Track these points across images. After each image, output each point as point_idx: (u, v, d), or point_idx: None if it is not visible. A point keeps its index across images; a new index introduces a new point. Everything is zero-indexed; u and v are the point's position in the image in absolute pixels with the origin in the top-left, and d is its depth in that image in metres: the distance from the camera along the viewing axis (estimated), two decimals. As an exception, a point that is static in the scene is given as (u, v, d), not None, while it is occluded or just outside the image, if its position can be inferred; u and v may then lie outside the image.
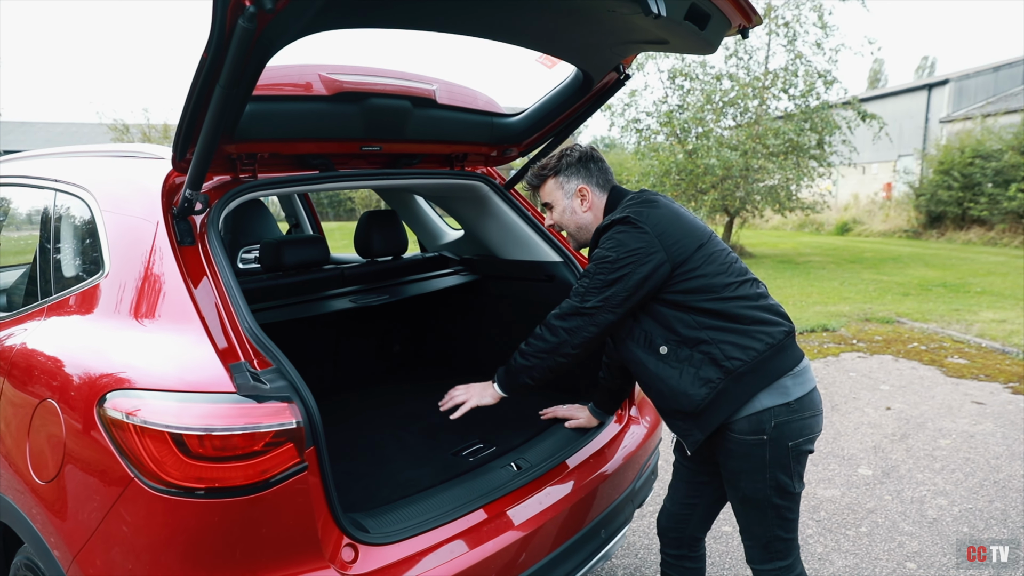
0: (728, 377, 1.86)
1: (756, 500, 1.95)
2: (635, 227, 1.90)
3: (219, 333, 1.65)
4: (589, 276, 1.93)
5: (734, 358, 1.86)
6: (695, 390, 1.87)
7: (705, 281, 1.90)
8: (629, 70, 2.46)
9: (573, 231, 2.18)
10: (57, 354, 1.81)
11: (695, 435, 1.93)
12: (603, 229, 1.98)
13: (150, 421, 1.47)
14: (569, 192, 2.13)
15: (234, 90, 1.48)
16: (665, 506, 2.31)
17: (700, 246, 1.93)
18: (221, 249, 1.79)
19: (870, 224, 20.39)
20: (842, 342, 6.92)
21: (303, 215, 4.35)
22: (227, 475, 1.47)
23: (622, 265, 1.87)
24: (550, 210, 2.19)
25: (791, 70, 13.44)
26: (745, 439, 1.89)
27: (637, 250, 1.88)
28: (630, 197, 2.05)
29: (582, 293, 1.93)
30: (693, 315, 1.90)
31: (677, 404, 1.91)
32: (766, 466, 1.90)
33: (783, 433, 1.88)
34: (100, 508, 1.55)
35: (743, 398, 1.86)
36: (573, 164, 2.14)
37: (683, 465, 2.26)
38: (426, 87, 2.31)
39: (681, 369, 1.90)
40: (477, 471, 2.13)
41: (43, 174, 2.34)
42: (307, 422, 1.55)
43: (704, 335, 1.89)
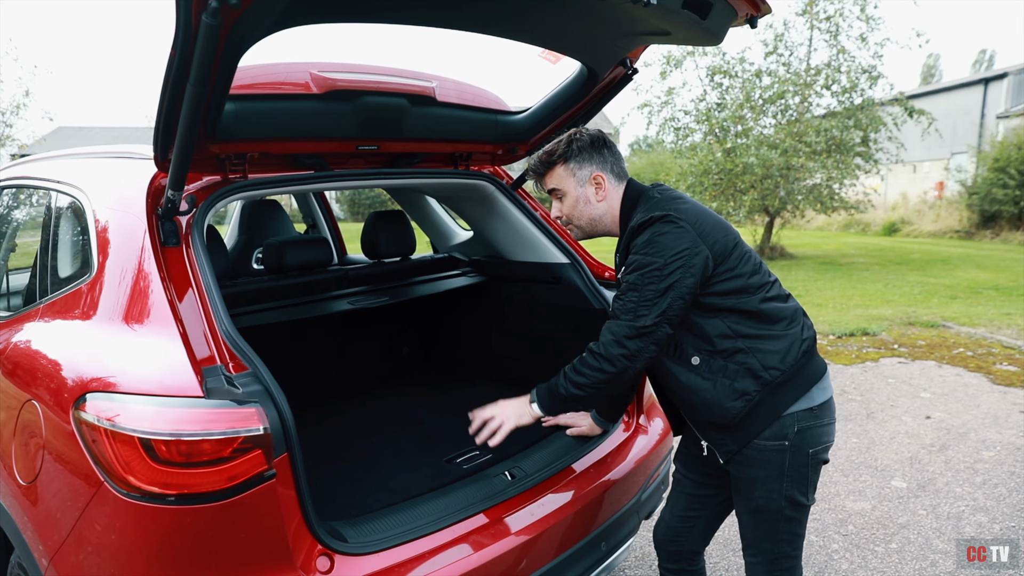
0: (765, 389, 1.76)
1: (769, 511, 1.84)
2: (676, 225, 1.72)
3: (197, 336, 1.62)
4: (637, 289, 1.71)
5: (772, 368, 1.76)
6: (730, 403, 1.76)
7: (742, 282, 1.78)
8: (637, 64, 2.38)
9: (585, 223, 1.96)
10: (41, 355, 1.81)
11: (729, 446, 1.83)
12: (637, 229, 1.77)
13: (120, 425, 1.44)
14: (582, 179, 1.92)
15: (204, 88, 1.44)
16: (663, 518, 2.21)
17: (736, 243, 1.82)
18: (204, 251, 1.77)
19: (919, 224, 19.71)
20: (882, 347, 6.66)
21: (319, 215, 4.35)
22: (195, 481, 1.43)
23: (672, 271, 1.69)
24: (559, 200, 1.97)
25: (834, 66, 13.05)
26: (765, 444, 1.79)
27: (683, 252, 1.70)
28: (653, 191, 1.90)
29: (633, 310, 1.72)
30: (728, 320, 1.77)
31: (710, 416, 1.81)
32: (783, 474, 1.80)
33: (804, 440, 1.79)
34: (74, 511, 1.54)
35: (780, 409, 1.77)
36: (586, 148, 1.92)
37: (685, 476, 2.15)
38: (424, 84, 2.26)
39: (715, 380, 1.78)
40: (469, 479, 2.06)
41: (46, 175, 2.36)
42: (279, 428, 1.50)
43: (740, 344, 1.77)
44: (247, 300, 2.47)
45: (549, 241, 2.76)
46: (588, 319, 2.61)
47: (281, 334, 2.84)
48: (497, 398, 2.95)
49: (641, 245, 1.74)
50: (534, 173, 2.01)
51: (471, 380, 3.19)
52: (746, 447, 1.81)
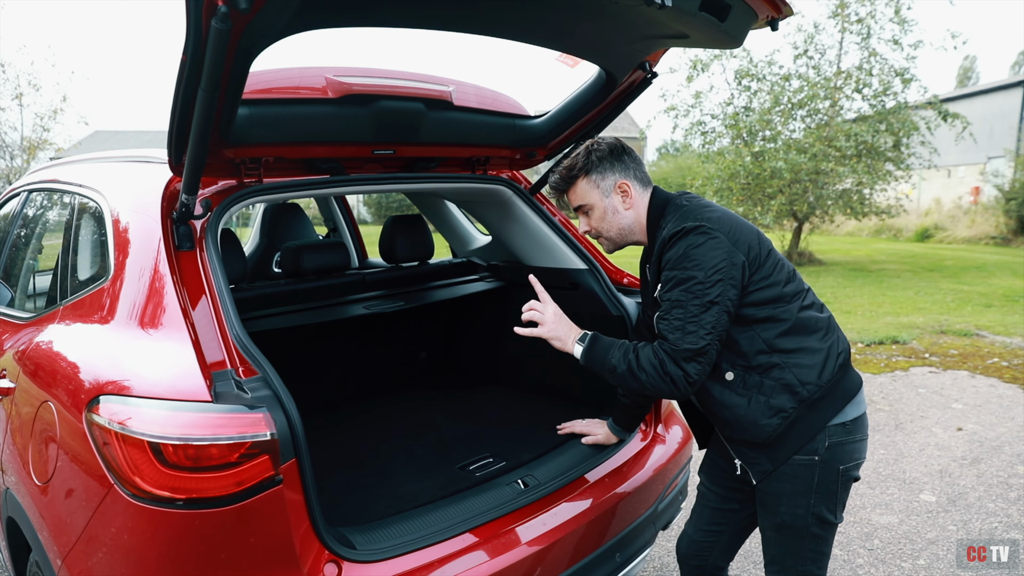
0: (802, 405, 1.71)
1: (794, 528, 1.79)
2: (710, 236, 1.66)
3: (208, 340, 1.63)
4: (681, 305, 1.64)
5: (809, 383, 1.71)
6: (766, 420, 1.71)
7: (778, 291, 1.73)
8: (658, 67, 2.34)
9: (615, 235, 1.91)
10: (58, 357, 1.83)
11: (763, 465, 1.78)
12: (669, 241, 1.71)
13: (129, 428, 1.45)
14: (607, 190, 1.87)
15: (215, 93, 1.45)
16: (686, 532, 2.16)
17: (770, 250, 1.77)
18: (217, 255, 1.78)
19: (953, 230, 19.26)
20: (913, 355, 6.51)
21: (340, 219, 4.37)
22: (202, 486, 1.43)
23: (713, 283, 1.63)
24: (586, 215, 1.92)
25: (865, 68, 12.81)
26: (795, 459, 1.74)
27: (721, 262, 1.64)
28: (680, 198, 1.85)
29: (680, 327, 1.64)
30: (764, 332, 1.72)
31: (745, 434, 1.76)
32: (812, 490, 1.75)
33: (835, 455, 1.74)
34: (85, 513, 1.55)
35: (818, 425, 1.72)
36: (605, 158, 1.88)
37: (709, 490, 2.10)
38: (441, 88, 2.25)
39: (750, 397, 1.73)
40: (481, 487, 2.04)
41: (70, 179, 2.40)
42: (287, 434, 1.50)
43: (776, 359, 1.71)
44: (264, 304, 2.48)
45: (567, 246, 2.73)
46: (606, 325, 2.57)
47: (298, 338, 2.85)
48: (513, 405, 2.98)
49: (677, 260, 1.68)
50: (557, 191, 1.96)
51: (488, 386, 3.17)
52: (782, 465, 1.76)
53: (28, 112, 16.67)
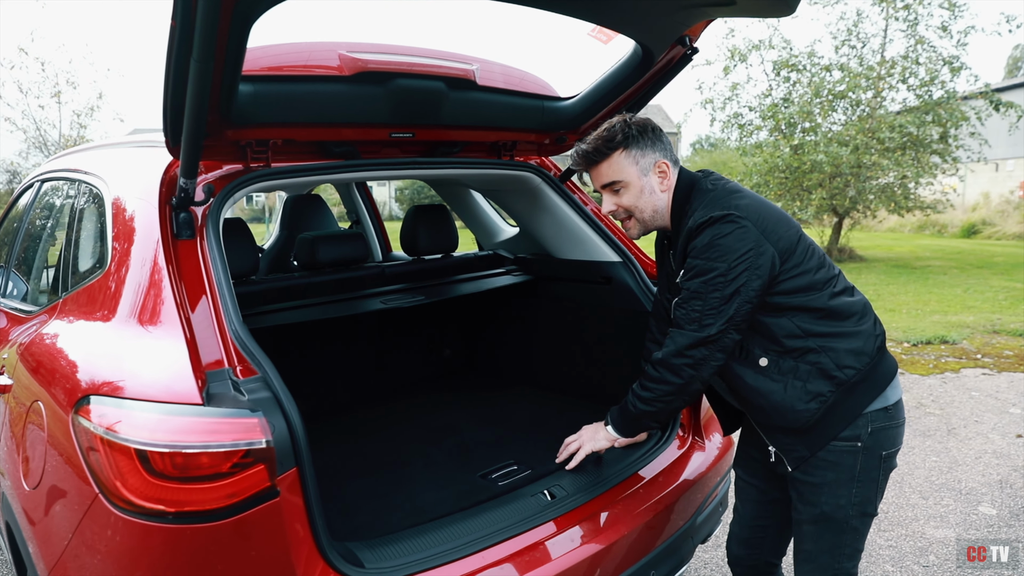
0: (840, 389, 1.64)
1: (835, 520, 1.71)
2: (738, 225, 1.59)
3: (206, 337, 1.49)
4: (700, 296, 1.61)
5: (847, 367, 1.65)
6: (803, 405, 1.64)
7: (809, 278, 1.66)
8: (697, 43, 2.15)
9: (648, 217, 1.79)
10: (50, 354, 1.72)
11: (800, 452, 1.71)
12: (696, 230, 1.63)
13: (114, 433, 1.32)
14: (646, 168, 1.74)
15: (209, 64, 1.30)
16: (733, 531, 2.05)
17: (800, 237, 1.69)
18: (218, 244, 1.64)
19: (1003, 226, 18.54)
20: (964, 356, 6.17)
21: (363, 211, 4.25)
22: (191, 497, 1.30)
23: (736, 275, 1.58)
24: (615, 193, 1.78)
25: (911, 57, 12.32)
26: (836, 446, 1.67)
27: (747, 253, 1.58)
28: (705, 182, 1.74)
29: (697, 319, 1.61)
30: (796, 319, 1.65)
31: (782, 421, 1.68)
32: (854, 478, 1.68)
33: (878, 441, 1.68)
34: (70, 525, 1.43)
35: (856, 410, 1.66)
36: (646, 133, 1.74)
37: (748, 483, 1.99)
38: (463, 67, 2.09)
39: (785, 382, 1.66)
40: (504, 498, 1.88)
41: (77, 167, 2.29)
42: (287, 441, 1.35)
43: (811, 343, 1.65)
44: (277, 297, 2.35)
45: (600, 238, 2.56)
46: (640, 323, 2.39)
47: (313, 334, 2.72)
48: (540, 406, 2.81)
49: (701, 249, 1.62)
50: (586, 162, 1.79)
51: (514, 387, 3.01)
52: (819, 451, 1.69)
53: (66, 110, 16.95)
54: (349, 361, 2.92)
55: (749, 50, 13.06)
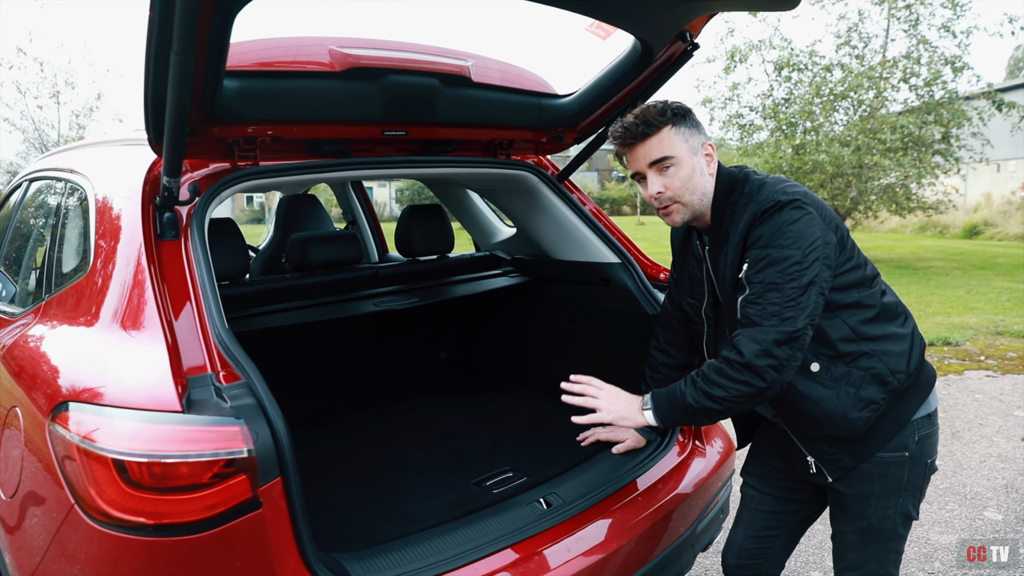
0: (891, 396, 1.59)
1: (881, 531, 1.66)
2: (804, 211, 1.50)
3: (189, 341, 1.44)
4: (778, 288, 1.47)
5: (899, 372, 1.59)
6: (856, 413, 1.57)
7: (861, 273, 1.60)
8: (698, 38, 2.09)
9: (697, 199, 1.62)
10: (28, 358, 1.66)
11: (844, 462, 1.64)
12: (761, 216, 1.51)
13: (91, 442, 1.26)
14: (694, 148, 1.61)
15: (190, 56, 1.24)
16: (733, 540, 1.96)
17: (847, 229, 1.63)
18: (202, 245, 1.59)
19: (1005, 227, 18.46)
20: (967, 358, 6.11)
21: (359, 211, 4.19)
22: (170, 509, 1.24)
23: (811, 263, 1.47)
24: (662, 173, 1.60)
25: (913, 57, 12.25)
26: (884, 456, 1.62)
27: (816, 240, 1.48)
28: (748, 172, 1.65)
29: (777, 313, 1.46)
30: (850, 319, 1.58)
31: (832, 430, 1.60)
32: (902, 488, 1.64)
33: (923, 449, 1.64)
34: (45, 538, 1.37)
35: (905, 417, 1.62)
36: (690, 114, 1.62)
37: (761, 492, 1.90)
38: (458, 63, 2.03)
39: (837, 389, 1.57)
40: (498, 507, 1.82)
41: (63, 165, 2.24)
42: (271, 450, 1.30)
43: (864, 347, 1.58)
44: (267, 300, 2.30)
45: (598, 239, 2.51)
46: (640, 325, 2.34)
47: (303, 336, 2.67)
48: (537, 411, 2.75)
49: (771, 236, 1.50)
50: (634, 135, 1.60)
51: (511, 391, 2.95)
52: (865, 461, 1.62)
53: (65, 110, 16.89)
54: (342, 365, 2.86)
55: (749, 50, 13.00)
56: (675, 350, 2.00)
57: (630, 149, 1.63)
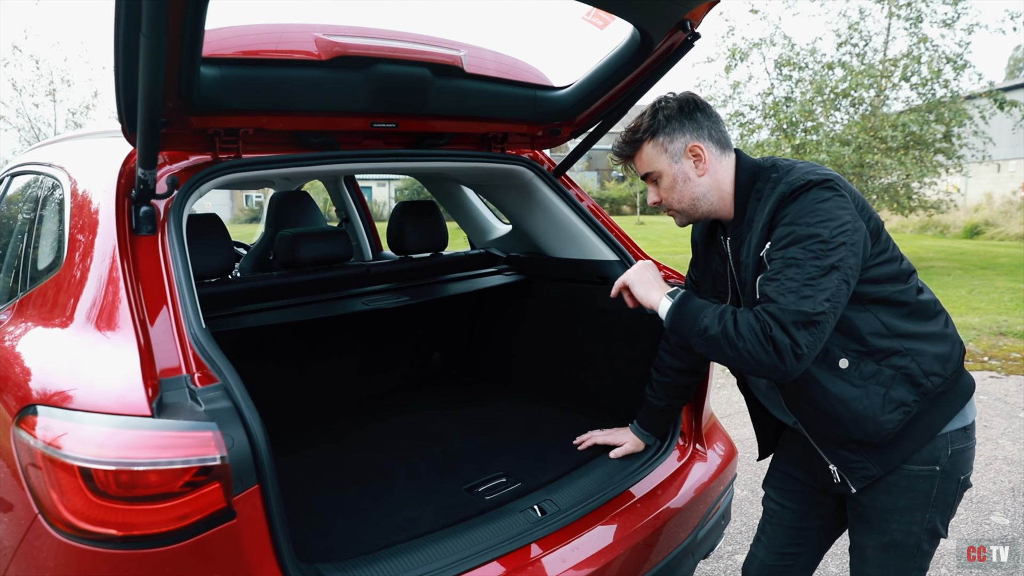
0: (924, 399, 1.49)
1: (905, 546, 1.57)
2: (837, 193, 1.43)
3: (163, 341, 1.37)
4: (798, 264, 1.37)
5: (934, 374, 1.50)
6: (885, 416, 1.48)
7: (896, 267, 1.52)
8: (699, 28, 2.02)
9: (686, 206, 1.62)
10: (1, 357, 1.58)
11: (870, 470, 1.54)
12: (790, 195, 1.45)
13: (56, 448, 1.19)
14: (676, 154, 1.59)
15: (161, 39, 1.17)
16: (755, 556, 1.87)
17: (882, 221, 1.55)
18: (179, 241, 1.51)
19: (1006, 227, 18.40)
20: (971, 359, 6.04)
21: (353, 209, 4.11)
22: (139, 520, 1.17)
23: (837, 245, 1.38)
24: (654, 184, 1.65)
25: (914, 56, 12.18)
26: (912, 469, 1.53)
27: (846, 224, 1.40)
28: (778, 160, 1.58)
29: (795, 289, 1.35)
30: (882, 314, 1.49)
31: (858, 433, 1.51)
32: (929, 504, 1.54)
33: (956, 464, 1.55)
34: (7, 552, 1.30)
35: (937, 426, 1.52)
36: (674, 117, 1.59)
37: (783, 506, 1.82)
38: (450, 53, 1.96)
39: (866, 388, 1.48)
40: (490, 514, 1.75)
41: (44, 159, 2.17)
42: (248, 456, 1.23)
43: (897, 344, 1.48)
44: (253, 298, 2.23)
45: (596, 235, 2.44)
46: (639, 324, 2.27)
47: (290, 336, 2.59)
48: (533, 412, 2.68)
49: (799, 213, 1.42)
50: (620, 157, 1.70)
51: (505, 392, 2.88)
52: (891, 473, 1.53)
53: (61, 108, 16.75)
54: (330, 365, 2.79)
55: (750, 48, 12.92)
56: (686, 353, 1.91)
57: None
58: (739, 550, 3.02)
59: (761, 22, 16.58)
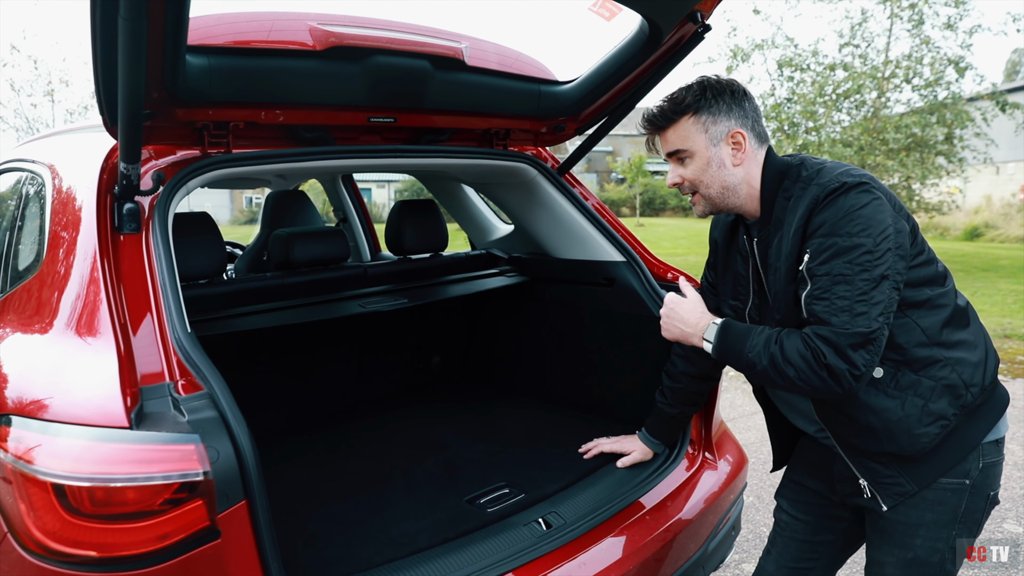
0: (963, 412, 1.42)
1: (928, 564, 1.49)
2: (873, 195, 1.35)
3: (145, 345, 1.29)
4: (847, 279, 1.31)
5: (974, 385, 1.42)
6: (923, 428, 1.40)
7: (934, 269, 1.44)
8: (710, 19, 1.94)
9: (715, 193, 1.52)
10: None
11: (904, 486, 1.46)
12: (824, 200, 1.37)
13: (27, 462, 1.11)
14: (716, 137, 1.49)
15: (141, 23, 1.08)
16: (764, 570, 1.79)
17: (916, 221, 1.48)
18: (164, 240, 1.43)
19: (1006, 229, 18.38)
20: (977, 362, 5.95)
21: (351, 209, 4.03)
22: (116, 540, 1.09)
23: (883, 253, 1.32)
24: (680, 163, 1.54)
25: (916, 57, 12.13)
26: (941, 482, 1.46)
27: (888, 228, 1.33)
28: (807, 159, 1.49)
29: (848, 308, 1.30)
30: (921, 319, 1.41)
31: (893, 446, 1.43)
32: (956, 520, 1.47)
33: (986, 478, 1.47)
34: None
35: (975, 438, 1.44)
36: (723, 98, 1.49)
37: (796, 519, 1.74)
38: (451, 44, 1.88)
39: (903, 399, 1.41)
40: (493, 528, 1.67)
41: (28, 156, 2.08)
42: (235, 471, 1.14)
43: (937, 353, 1.41)
44: (246, 300, 2.14)
45: (602, 236, 2.36)
46: (646, 327, 2.19)
47: (284, 339, 2.50)
48: (536, 419, 2.59)
49: (837, 222, 1.34)
50: (652, 127, 1.55)
51: (507, 398, 2.79)
52: (927, 488, 1.45)
53: (59, 108, 16.66)
54: (326, 370, 2.70)
55: (752, 49, 12.88)
56: (700, 359, 1.82)
57: (655, 137, 1.57)
58: (746, 558, 2.94)
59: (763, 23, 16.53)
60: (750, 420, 4.62)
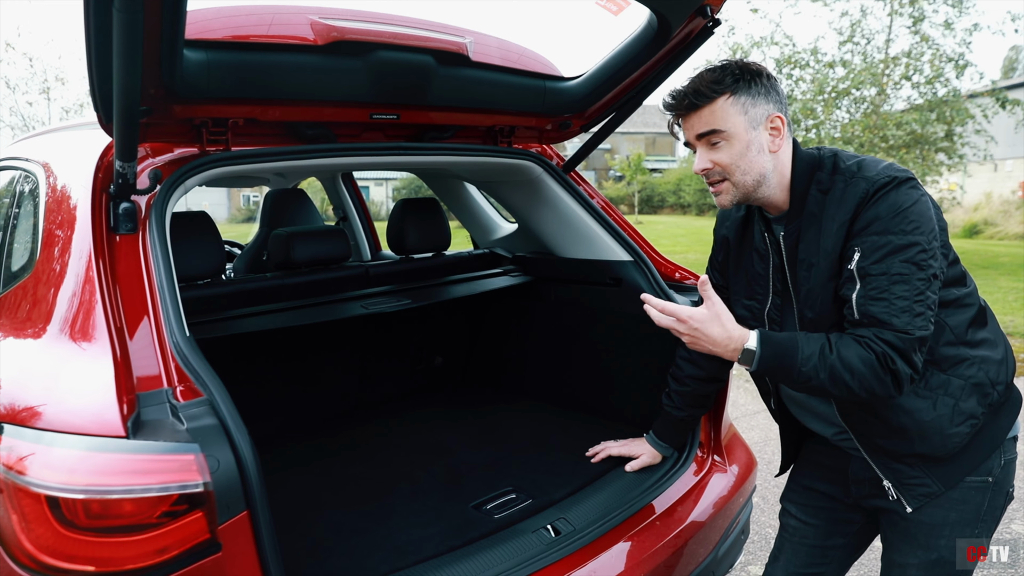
0: (990, 411, 1.42)
1: (950, 564, 1.47)
2: (920, 192, 1.33)
3: (142, 350, 1.24)
4: (906, 279, 1.27)
5: (999, 383, 1.42)
6: (954, 428, 1.39)
7: (959, 268, 1.43)
8: (719, 14, 1.90)
9: (751, 180, 1.42)
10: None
11: (929, 487, 1.44)
12: (874, 195, 1.32)
13: (19, 473, 1.06)
14: (756, 120, 1.39)
15: (136, 14, 1.04)
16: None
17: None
18: (162, 240, 1.39)
19: (1005, 226, 18.36)
20: (980, 360, 5.93)
21: (351, 207, 3.99)
22: (112, 554, 1.05)
23: (934, 251, 1.29)
24: (713, 147, 1.41)
25: (915, 54, 12.10)
26: (966, 481, 1.44)
27: (934, 226, 1.32)
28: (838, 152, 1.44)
29: (908, 308, 1.26)
30: (950, 317, 1.39)
31: (924, 446, 1.41)
32: (979, 518, 1.46)
33: (1006, 475, 1.48)
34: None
35: (999, 436, 1.44)
36: (761, 81, 1.39)
37: (805, 523, 1.70)
38: (455, 40, 1.84)
39: (934, 399, 1.39)
40: (500, 535, 1.63)
41: (20, 154, 2.04)
42: (236, 481, 1.10)
43: (964, 352, 1.40)
44: (245, 301, 2.10)
45: (608, 235, 2.32)
46: (653, 328, 2.14)
47: (284, 342, 2.46)
48: (542, 423, 2.54)
49: (890, 220, 1.30)
50: (684, 105, 1.42)
51: (512, 400, 2.75)
52: (953, 488, 1.43)
53: (55, 106, 16.62)
54: (327, 373, 2.66)
55: (751, 47, 12.84)
56: (706, 360, 1.78)
57: (681, 118, 1.45)
58: (752, 561, 2.90)
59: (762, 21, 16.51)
60: (753, 419, 4.59)
